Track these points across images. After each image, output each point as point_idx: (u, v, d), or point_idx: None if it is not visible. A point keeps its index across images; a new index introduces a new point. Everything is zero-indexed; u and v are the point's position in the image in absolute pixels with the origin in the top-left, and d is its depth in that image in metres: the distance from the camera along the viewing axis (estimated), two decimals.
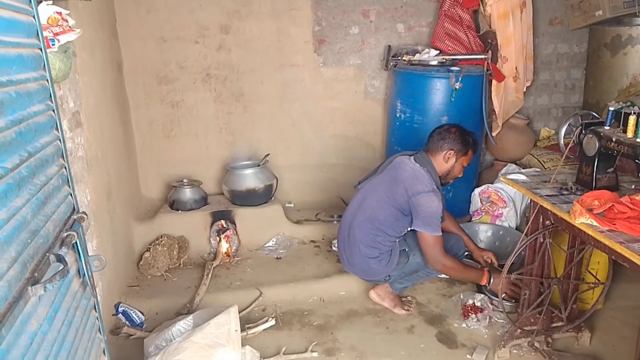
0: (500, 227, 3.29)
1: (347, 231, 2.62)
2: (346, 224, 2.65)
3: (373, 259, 2.52)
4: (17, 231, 1.05)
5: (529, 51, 3.79)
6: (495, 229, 3.29)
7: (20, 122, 1.14)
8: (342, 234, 2.68)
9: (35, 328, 1.08)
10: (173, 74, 3.49)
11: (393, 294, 2.67)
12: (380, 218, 2.46)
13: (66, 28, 1.86)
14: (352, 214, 2.62)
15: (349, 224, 2.62)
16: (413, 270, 2.59)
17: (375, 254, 2.51)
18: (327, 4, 3.63)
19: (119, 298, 2.67)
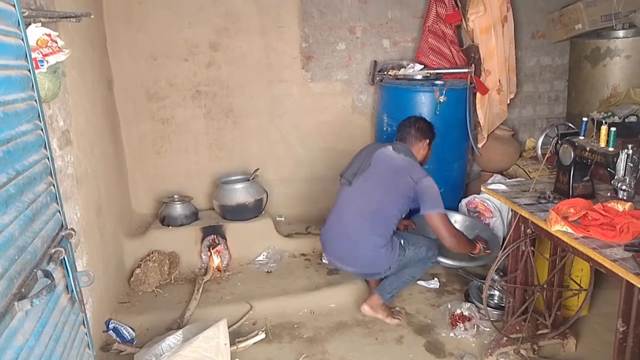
0: (468, 218, 3.37)
1: (350, 226, 2.62)
2: (347, 218, 2.64)
3: (382, 247, 2.58)
4: (4, 247, 1.08)
5: (512, 64, 3.88)
6: (462, 219, 3.37)
7: (8, 141, 1.18)
8: (341, 230, 2.66)
9: (22, 343, 1.11)
10: (163, 91, 3.54)
11: (384, 305, 2.70)
12: (388, 207, 2.59)
13: (55, 49, 1.90)
14: (355, 209, 2.63)
15: (351, 218, 2.63)
16: (408, 261, 2.66)
17: (383, 242, 2.58)
18: (314, 21, 3.71)
19: (110, 314, 2.68)
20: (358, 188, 2.66)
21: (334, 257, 2.76)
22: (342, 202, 2.72)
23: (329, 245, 2.78)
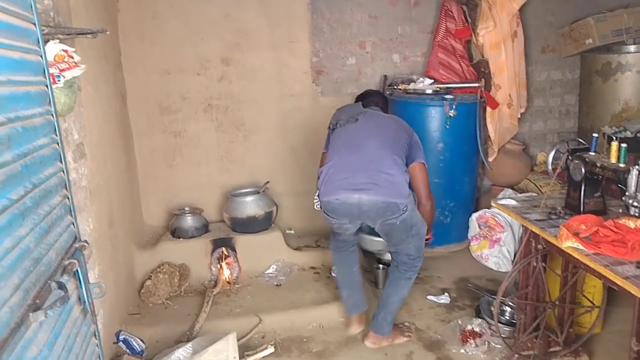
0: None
1: (370, 148, 2.41)
2: (366, 144, 2.43)
3: (405, 175, 2.41)
4: (20, 259, 1.10)
5: (522, 79, 3.89)
6: None
7: (26, 155, 1.21)
8: (358, 156, 2.40)
9: (35, 353, 1.12)
10: (175, 104, 3.59)
11: (385, 337, 2.63)
12: (400, 143, 2.48)
13: (72, 64, 1.95)
14: (372, 134, 2.46)
15: (370, 143, 2.42)
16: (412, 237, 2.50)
17: (405, 171, 2.43)
18: (324, 36, 3.76)
19: (120, 326, 2.70)
20: (367, 122, 2.54)
21: (347, 191, 2.33)
22: (352, 135, 2.49)
23: (339, 178, 2.37)
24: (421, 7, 3.85)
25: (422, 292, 3.15)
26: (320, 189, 2.44)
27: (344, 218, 2.43)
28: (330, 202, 2.38)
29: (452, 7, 3.61)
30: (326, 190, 2.39)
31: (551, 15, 4.11)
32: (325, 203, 2.40)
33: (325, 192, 2.39)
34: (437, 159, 3.46)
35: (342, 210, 2.38)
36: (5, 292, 1.01)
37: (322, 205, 2.45)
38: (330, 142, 2.60)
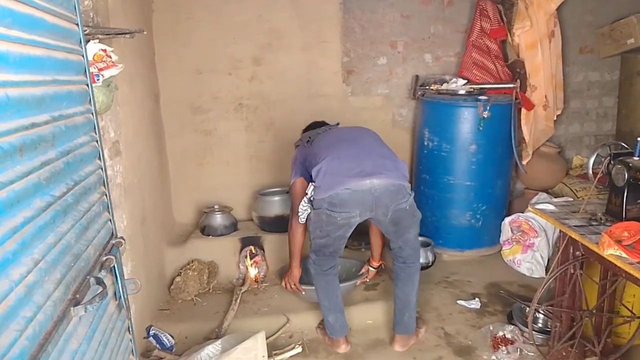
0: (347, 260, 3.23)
1: (371, 144, 2.48)
2: (365, 142, 2.49)
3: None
4: (62, 255, 1.13)
5: (559, 80, 3.79)
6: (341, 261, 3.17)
7: (68, 153, 1.24)
8: (360, 149, 2.42)
9: (76, 347, 1.15)
10: (207, 104, 3.63)
11: (412, 335, 2.63)
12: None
13: (110, 63, 1.99)
14: (367, 136, 2.54)
15: (369, 141, 2.50)
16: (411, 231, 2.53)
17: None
18: (355, 37, 3.74)
19: (150, 321, 2.74)
20: (345, 128, 2.69)
21: (357, 178, 2.26)
22: (339, 135, 2.56)
23: (343, 169, 2.30)
24: (455, 7, 3.79)
25: (452, 296, 3.10)
26: (319, 186, 2.31)
27: (354, 209, 2.29)
28: (338, 194, 2.25)
29: (487, 6, 3.54)
30: (331, 182, 2.27)
31: (590, 14, 3.98)
32: (331, 197, 2.26)
33: (330, 185, 2.27)
34: (469, 161, 3.39)
35: (353, 200, 2.27)
36: (49, 286, 1.03)
37: (324, 202, 2.29)
38: (313, 150, 2.51)
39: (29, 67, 1.04)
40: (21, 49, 1.01)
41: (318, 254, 2.49)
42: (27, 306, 0.91)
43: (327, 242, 2.43)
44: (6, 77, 0.93)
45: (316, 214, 2.36)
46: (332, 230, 2.36)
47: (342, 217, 2.30)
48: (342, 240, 2.44)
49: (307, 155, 2.54)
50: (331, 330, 2.59)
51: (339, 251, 2.52)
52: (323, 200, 2.29)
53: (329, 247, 2.45)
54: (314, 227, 2.40)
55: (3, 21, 0.94)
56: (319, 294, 2.57)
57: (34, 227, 0.98)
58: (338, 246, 2.47)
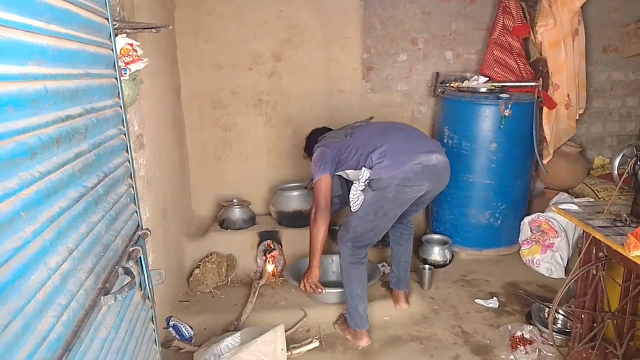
0: None
1: (415, 131, 2.73)
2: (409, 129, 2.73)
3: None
4: (94, 245, 1.16)
5: (582, 79, 3.74)
6: None
7: (99, 145, 1.26)
8: (412, 134, 2.65)
9: (105, 335, 1.17)
10: (227, 99, 3.66)
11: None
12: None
13: (136, 58, 2.02)
14: (413, 129, 2.76)
15: (411, 129, 2.74)
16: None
17: None
18: (376, 33, 3.73)
19: (170, 312, 2.78)
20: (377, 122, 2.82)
21: (424, 154, 2.44)
22: (382, 127, 2.69)
23: (408, 149, 2.46)
24: (477, 4, 3.75)
25: (470, 295, 3.09)
26: (388, 165, 2.39)
27: (425, 182, 2.44)
28: (412, 169, 2.38)
29: (510, 4, 3.50)
30: (402, 159, 2.39)
31: (615, 12, 3.92)
32: (405, 172, 2.37)
33: (402, 161, 2.39)
34: (489, 160, 3.37)
35: (424, 174, 2.42)
36: (81, 275, 1.06)
37: (394, 179, 2.37)
38: (357, 142, 2.58)
39: (65, 61, 1.06)
40: (58, 43, 1.03)
41: (357, 243, 2.54)
42: (62, 294, 0.94)
43: (377, 225, 2.51)
44: (46, 71, 0.95)
45: (380, 194, 2.41)
46: (393, 208, 2.47)
47: (413, 191, 2.43)
48: (393, 222, 2.57)
49: (346, 148, 2.59)
50: (359, 322, 2.60)
51: (379, 238, 2.60)
52: (394, 177, 2.38)
53: (375, 231, 2.53)
54: (369, 210, 2.45)
55: (43, 17, 0.96)
56: (353, 284, 2.58)
57: (68, 217, 1.01)
58: (384, 229, 2.58)
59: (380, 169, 2.41)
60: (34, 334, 0.78)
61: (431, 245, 3.46)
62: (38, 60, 0.92)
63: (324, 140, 2.73)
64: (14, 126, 0.80)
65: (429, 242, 3.50)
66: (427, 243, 3.49)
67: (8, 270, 0.72)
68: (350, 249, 2.55)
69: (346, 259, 2.57)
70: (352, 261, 2.56)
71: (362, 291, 2.60)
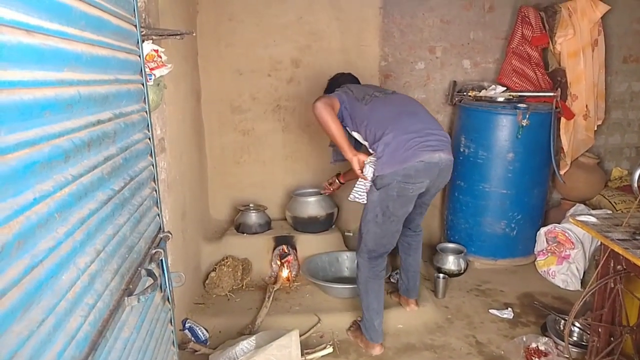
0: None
1: (427, 118, 2.59)
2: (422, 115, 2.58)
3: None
4: (119, 246, 1.19)
5: (601, 90, 3.71)
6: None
7: (126, 149, 1.30)
8: (423, 123, 2.51)
9: (128, 335, 1.20)
10: (246, 104, 3.70)
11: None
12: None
13: (160, 63, 2.07)
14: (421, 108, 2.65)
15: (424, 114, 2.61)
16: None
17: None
18: (394, 41, 3.75)
19: (186, 314, 2.82)
20: (396, 95, 2.73)
21: (428, 152, 2.38)
22: (397, 105, 2.59)
23: (415, 142, 2.39)
24: (495, 12, 3.75)
25: (484, 305, 3.08)
26: (391, 160, 2.37)
27: (425, 179, 2.42)
28: (414, 166, 2.35)
29: (529, 13, 3.50)
30: (405, 156, 2.36)
31: (637, 22, 3.88)
32: (406, 169, 2.35)
33: (405, 158, 2.36)
34: (505, 169, 3.36)
35: (425, 171, 2.40)
36: (107, 276, 1.09)
37: (396, 175, 2.35)
38: (369, 113, 2.53)
39: (97, 66, 1.10)
40: (91, 49, 1.07)
41: (372, 253, 2.53)
42: (89, 294, 0.97)
43: (388, 228, 2.48)
44: (79, 76, 0.98)
45: (384, 192, 2.40)
46: (399, 206, 2.44)
47: (415, 187, 2.41)
48: (401, 223, 2.54)
49: (359, 110, 2.55)
50: (373, 335, 2.58)
51: (393, 243, 2.58)
52: (396, 173, 2.36)
53: (387, 236, 2.51)
54: (377, 211, 2.44)
55: (78, 24, 0.99)
56: (369, 298, 2.56)
57: (97, 218, 1.04)
58: (395, 232, 2.54)
59: (383, 164, 2.39)
60: (63, 332, 0.81)
61: (445, 254, 3.45)
62: (73, 66, 0.96)
63: (340, 90, 2.68)
64: (51, 130, 0.83)
65: (443, 251, 3.50)
66: (442, 251, 3.48)
67: (42, 269, 0.75)
68: (367, 260, 2.54)
69: (364, 273, 2.56)
70: (370, 275, 2.56)
71: (379, 306, 2.59)
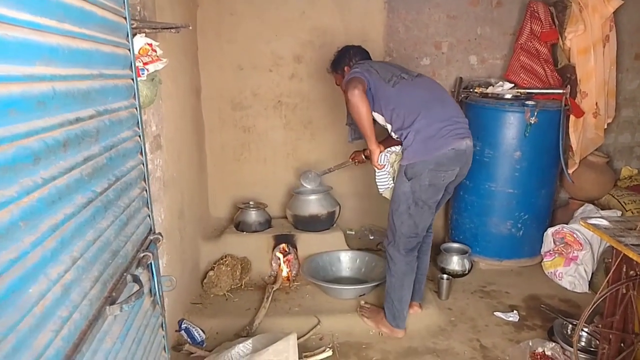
0: (367, 254, 3.34)
1: (453, 105, 2.59)
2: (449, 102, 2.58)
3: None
4: (101, 252, 1.12)
5: (611, 87, 3.61)
6: (361, 256, 3.35)
7: (111, 148, 1.23)
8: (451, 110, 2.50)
9: (110, 346, 1.14)
10: (247, 100, 3.63)
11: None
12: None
13: (155, 58, 1.99)
14: (447, 95, 2.68)
15: (450, 101, 2.62)
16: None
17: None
18: (399, 36, 3.66)
19: (183, 314, 2.76)
20: (422, 78, 2.64)
21: (458, 139, 2.39)
22: (426, 90, 2.54)
23: (446, 130, 2.38)
24: (503, 7, 3.65)
25: (489, 307, 3.00)
26: (422, 148, 2.36)
27: (457, 166, 2.43)
28: (446, 154, 2.36)
29: (538, 8, 3.39)
30: (437, 144, 2.36)
31: None
32: (438, 157, 2.35)
33: (437, 146, 2.36)
34: (512, 168, 3.27)
35: (456, 158, 2.41)
36: (86, 285, 1.02)
37: (429, 164, 2.34)
38: (397, 97, 2.47)
39: (78, 60, 1.03)
40: (71, 42, 0.99)
41: (407, 245, 2.52)
42: (63, 305, 0.90)
43: (421, 218, 2.46)
44: (55, 71, 0.91)
45: (416, 182, 2.39)
46: (431, 195, 2.43)
47: (447, 175, 2.41)
48: (433, 212, 2.53)
49: (384, 92, 2.49)
50: (400, 323, 2.64)
51: (424, 230, 2.56)
52: (427, 162, 2.36)
53: (420, 226, 2.49)
54: (409, 202, 2.42)
55: (55, 14, 0.92)
56: (404, 290, 2.58)
57: (74, 224, 0.97)
58: (428, 220, 2.52)
59: (415, 152, 2.38)
60: (28, 351, 0.74)
61: (449, 254, 3.37)
62: (47, 60, 0.89)
63: (362, 67, 2.57)
64: (16, 130, 0.76)
65: (447, 251, 3.42)
66: (446, 251, 3.41)
67: (1, 284, 0.68)
68: (403, 255, 2.53)
69: (401, 267, 2.54)
70: (407, 270, 2.55)
71: (409, 296, 2.63)
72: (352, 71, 2.56)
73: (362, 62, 2.68)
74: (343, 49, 2.89)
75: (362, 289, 3.00)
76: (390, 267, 2.58)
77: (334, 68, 2.88)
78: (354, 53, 2.82)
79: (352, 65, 2.72)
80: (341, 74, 2.80)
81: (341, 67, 2.82)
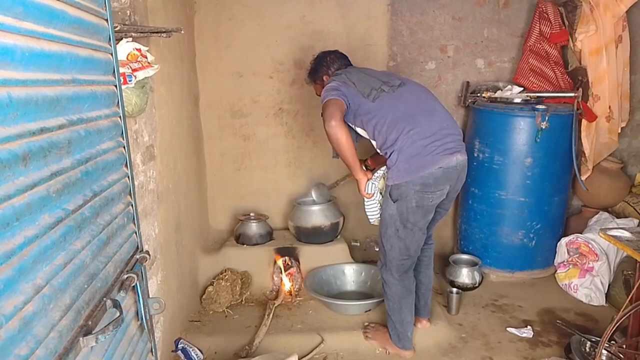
0: (373, 267, 3.16)
1: (444, 115, 2.37)
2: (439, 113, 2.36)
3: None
4: (74, 276, 1.00)
5: (625, 89, 3.47)
6: (367, 269, 3.21)
7: (87, 160, 1.11)
8: (440, 122, 2.30)
9: None
10: (247, 107, 3.52)
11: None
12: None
13: (145, 64, 1.89)
14: (436, 103, 2.44)
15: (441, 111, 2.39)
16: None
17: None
18: (403, 40, 3.55)
19: (180, 333, 2.63)
20: (409, 85, 2.46)
21: (446, 156, 2.22)
22: (413, 101, 2.35)
23: (433, 147, 2.22)
24: (511, 8, 3.53)
25: (501, 322, 2.86)
26: (407, 168, 2.19)
27: (445, 186, 2.26)
28: (432, 174, 2.19)
29: (547, 9, 3.27)
30: (422, 162, 2.19)
31: None
32: (424, 177, 2.18)
33: (422, 165, 2.19)
34: (524, 175, 3.14)
35: (444, 177, 2.24)
36: (54, 315, 0.90)
37: (414, 185, 2.19)
38: (377, 111, 2.30)
39: (42, 64, 0.92)
40: (33, 43, 0.89)
41: (400, 268, 2.38)
42: (22, 342, 0.78)
43: (411, 240, 2.32)
44: (10, 75, 0.81)
45: (403, 204, 2.24)
46: (419, 217, 2.27)
47: (435, 196, 2.25)
48: (424, 233, 2.37)
49: (364, 107, 2.33)
50: (406, 344, 2.51)
51: (419, 251, 2.42)
52: (412, 182, 2.20)
53: (411, 248, 2.34)
54: (397, 225, 2.28)
55: (11, 11, 0.81)
56: (404, 313, 2.45)
57: (37, 247, 0.86)
58: (419, 242, 2.36)
59: (399, 172, 2.22)
60: None
61: (459, 266, 3.23)
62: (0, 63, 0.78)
63: (340, 79, 2.42)
64: None
65: (456, 263, 3.28)
66: (455, 263, 3.26)
67: None
68: (397, 279, 2.40)
69: (397, 292, 2.41)
70: (403, 293, 2.42)
71: (412, 317, 2.50)
72: (329, 86, 2.39)
73: (339, 73, 2.51)
74: (319, 56, 2.73)
75: (368, 305, 2.86)
76: (386, 291, 2.45)
77: (312, 78, 2.72)
78: (332, 60, 2.66)
79: (330, 74, 2.58)
80: (320, 83, 2.64)
81: (319, 77, 2.66)
